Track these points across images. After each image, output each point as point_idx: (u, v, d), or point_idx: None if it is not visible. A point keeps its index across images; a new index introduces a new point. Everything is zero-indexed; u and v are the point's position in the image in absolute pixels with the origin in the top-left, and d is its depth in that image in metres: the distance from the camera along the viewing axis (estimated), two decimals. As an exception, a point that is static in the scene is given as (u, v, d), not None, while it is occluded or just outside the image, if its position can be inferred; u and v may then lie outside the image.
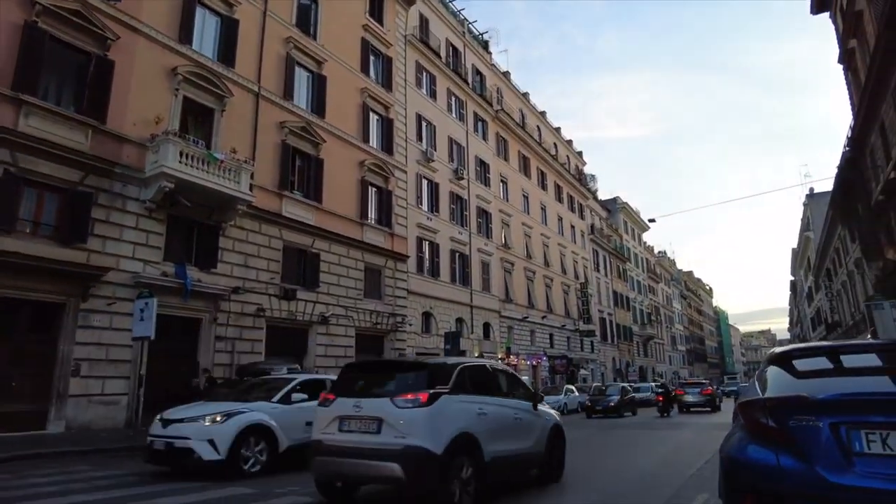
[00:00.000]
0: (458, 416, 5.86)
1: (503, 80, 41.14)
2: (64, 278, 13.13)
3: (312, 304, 19.95)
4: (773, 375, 3.41)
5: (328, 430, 5.94)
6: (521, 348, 35.55)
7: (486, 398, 6.50)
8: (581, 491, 7.36)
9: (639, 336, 64.08)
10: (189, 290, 15.65)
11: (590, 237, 53.27)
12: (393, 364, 8.02)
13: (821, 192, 48.54)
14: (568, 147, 53.33)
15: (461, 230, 30.97)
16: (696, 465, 9.27)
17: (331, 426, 5.94)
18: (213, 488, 7.21)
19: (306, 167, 20.80)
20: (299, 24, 21.29)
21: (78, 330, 13.38)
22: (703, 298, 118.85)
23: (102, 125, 14.29)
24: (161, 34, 16.10)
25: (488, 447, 6.06)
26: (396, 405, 5.61)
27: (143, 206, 15.04)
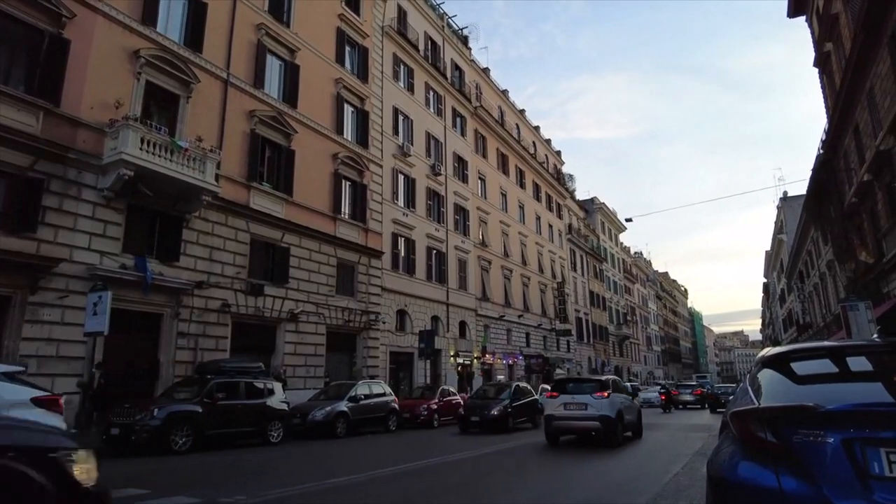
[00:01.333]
0: (616, 403, 13.06)
1: (483, 76, 40.72)
2: (10, 269, 12.31)
3: (281, 301, 19.27)
4: (769, 380, 2.97)
5: (556, 411, 12.99)
6: (497, 347, 35.19)
7: (621, 395, 13.84)
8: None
9: (615, 336, 64.31)
10: (149, 283, 14.90)
11: (567, 237, 53.19)
12: (588, 378, 16.02)
13: (794, 196, 49.16)
14: (546, 146, 53.16)
15: (438, 227, 30.47)
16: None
17: (558, 409, 12.97)
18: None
19: (276, 158, 20.09)
20: (272, 11, 20.56)
21: (25, 325, 12.56)
22: (679, 299, 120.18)
23: (56, 108, 13.45)
24: (122, 14, 15.28)
25: (625, 417, 13.53)
26: (593, 397, 12.76)
27: (100, 194, 14.24)
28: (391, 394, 18.75)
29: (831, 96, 21.88)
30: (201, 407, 11.63)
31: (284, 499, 6.90)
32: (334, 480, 8.12)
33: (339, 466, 9.81)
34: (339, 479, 8.19)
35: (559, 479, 8.50)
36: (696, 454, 11.07)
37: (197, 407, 11.55)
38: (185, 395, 12.11)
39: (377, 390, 17.69)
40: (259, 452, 11.87)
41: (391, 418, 17.68)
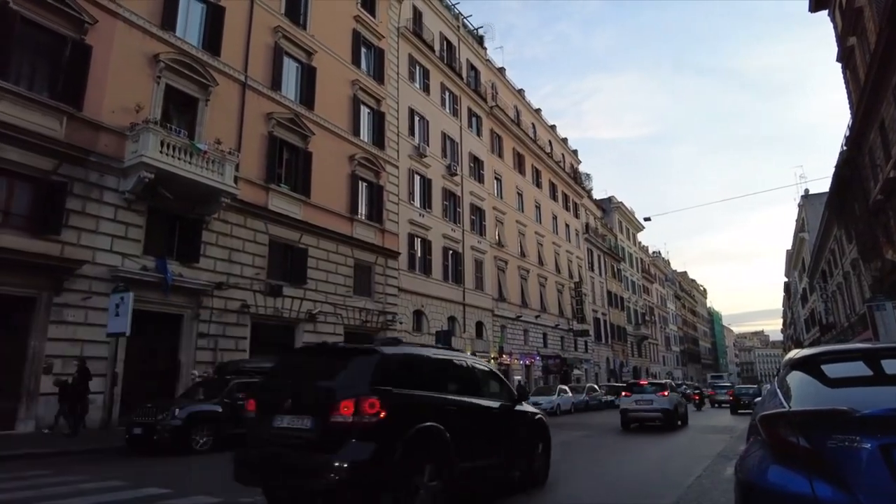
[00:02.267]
0: (673, 399, 18.07)
1: (498, 76, 40.61)
2: (36, 271, 12.55)
3: (300, 301, 19.39)
4: (799, 383, 2.89)
5: (629, 405, 17.79)
6: (514, 348, 35.05)
7: (675, 394, 19.18)
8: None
9: (633, 336, 63.72)
10: (170, 284, 15.09)
11: (584, 236, 52.83)
12: (652, 382, 19.65)
13: (816, 193, 48.29)
14: (563, 145, 52.86)
15: (454, 227, 30.44)
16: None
17: (631, 404, 17.80)
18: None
19: (294, 160, 20.22)
20: (289, 14, 20.70)
21: (50, 325, 12.80)
22: (698, 299, 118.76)
23: (78, 112, 13.68)
24: (142, 19, 15.50)
25: (679, 410, 18.58)
26: (657, 395, 17.71)
27: (121, 197, 14.45)
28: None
29: (856, 92, 21.44)
30: (221, 407, 11.72)
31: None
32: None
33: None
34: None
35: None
36: (717, 456, 10.89)
37: (217, 407, 11.64)
38: (206, 396, 12.22)
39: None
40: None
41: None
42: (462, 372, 6.56)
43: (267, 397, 5.44)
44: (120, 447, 11.19)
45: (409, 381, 5.38)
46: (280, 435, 5.01)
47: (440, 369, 6.15)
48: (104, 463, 9.88)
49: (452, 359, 6.55)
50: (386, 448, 4.72)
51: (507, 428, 6.88)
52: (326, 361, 5.67)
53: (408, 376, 5.42)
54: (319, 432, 4.79)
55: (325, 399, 4.94)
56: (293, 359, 6.53)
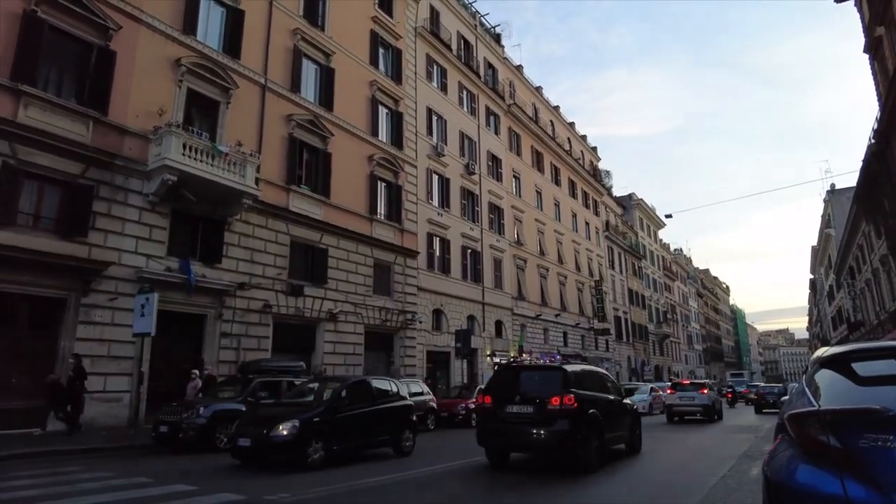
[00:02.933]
0: (712, 397, 21.64)
1: (516, 73, 40.45)
2: (64, 273, 12.85)
3: (320, 301, 19.56)
4: (828, 381, 2.83)
5: (674, 401, 21.57)
6: (533, 347, 34.91)
7: (713, 392, 23.22)
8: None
9: (654, 335, 63.01)
10: (193, 285, 15.32)
11: (604, 234, 52.38)
12: (696, 382, 23.37)
13: (842, 188, 47.30)
14: (582, 142, 52.46)
15: (473, 226, 30.42)
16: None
17: (675, 400, 21.56)
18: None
19: (314, 161, 20.39)
20: (307, 16, 20.87)
21: (79, 325, 13.09)
22: (720, 297, 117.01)
23: (104, 117, 13.97)
24: (164, 24, 15.76)
25: (716, 406, 21.86)
26: (699, 393, 21.22)
27: (145, 199, 14.72)
28: (429, 393, 18.82)
29: (884, 83, 20.92)
30: (245, 406, 11.87)
31: (327, 497, 6.98)
32: (378, 479, 8.18)
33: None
34: (406, 474, 8.24)
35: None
36: (742, 456, 10.73)
37: (241, 406, 11.79)
38: (229, 395, 12.40)
39: (415, 389, 17.74)
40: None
41: (430, 417, 17.73)
42: (599, 378, 10.56)
43: (499, 393, 9.24)
44: (147, 444, 11.42)
45: (580, 385, 9.09)
46: (513, 416, 8.78)
47: (590, 377, 10.05)
48: (131, 460, 10.10)
49: (596, 371, 10.93)
50: (576, 423, 8.44)
51: (624, 412, 10.85)
52: (530, 373, 10.12)
53: (579, 382, 9.13)
54: (540, 414, 8.54)
55: (543, 395, 8.63)
56: (507, 371, 10.62)
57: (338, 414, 9.73)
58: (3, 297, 12.17)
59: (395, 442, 10.96)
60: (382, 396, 11.28)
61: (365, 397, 10.75)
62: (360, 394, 10.75)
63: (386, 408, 11.03)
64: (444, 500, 7.16)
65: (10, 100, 12.44)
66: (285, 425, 8.92)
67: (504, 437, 8.90)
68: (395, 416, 11.15)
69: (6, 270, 11.92)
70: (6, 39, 12.50)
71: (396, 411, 11.27)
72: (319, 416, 9.46)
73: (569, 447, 8.35)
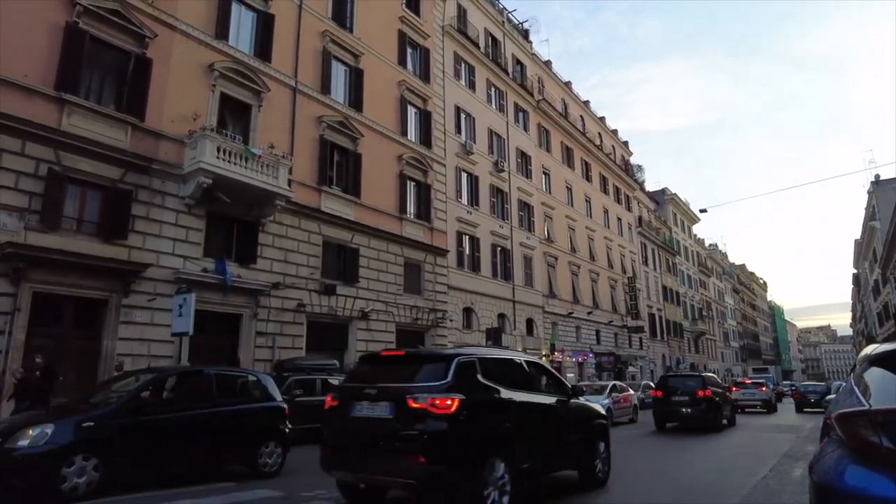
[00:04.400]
0: (768, 393, 26.99)
1: (544, 69, 40.10)
2: (106, 274, 13.26)
3: (352, 300, 19.76)
4: (879, 380, 2.72)
5: (739, 397, 24.49)
6: (566, 345, 34.60)
7: (769, 390, 27.88)
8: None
9: (689, 332, 61.78)
10: (229, 285, 15.64)
11: (637, 230, 51.56)
12: (756, 381, 28.40)
13: (888, 179, 45.63)
14: (613, 137, 51.72)
15: (502, 224, 30.29)
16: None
17: (740, 396, 25.13)
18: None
19: (344, 162, 20.59)
20: (335, 18, 21.07)
21: (120, 325, 13.50)
22: (757, 293, 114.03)
23: (141, 122, 14.36)
24: (197, 30, 16.11)
25: (772, 401, 27.45)
26: (758, 390, 26.59)
27: (182, 202, 15.08)
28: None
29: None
30: (280, 403, 12.03)
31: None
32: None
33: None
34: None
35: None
36: (783, 457, 10.46)
37: (276, 403, 11.95)
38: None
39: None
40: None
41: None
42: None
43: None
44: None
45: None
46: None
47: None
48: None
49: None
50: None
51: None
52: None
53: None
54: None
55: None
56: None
57: (141, 417, 7.19)
58: (51, 299, 12.61)
59: (249, 458, 8.31)
60: (231, 395, 8.73)
61: (199, 396, 8.20)
62: (188, 391, 8.47)
63: (234, 411, 8.35)
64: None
65: (55, 109, 12.90)
66: (34, 431, 6.44)
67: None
68: (250, 423, 8.49)
69: (54, 273, 12.38)
70: (50, 51, 12.95)
71: (253, 415, 8.61)
72: (98, 420, 6.82)
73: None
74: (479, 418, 5.57)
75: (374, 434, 5.50)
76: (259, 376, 9.83)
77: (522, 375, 6.79)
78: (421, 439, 5.17)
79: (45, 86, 12.75)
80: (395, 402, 5.43)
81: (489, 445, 5.60)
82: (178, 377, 8.68)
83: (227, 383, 8.88)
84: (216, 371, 8.99)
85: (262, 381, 9.48)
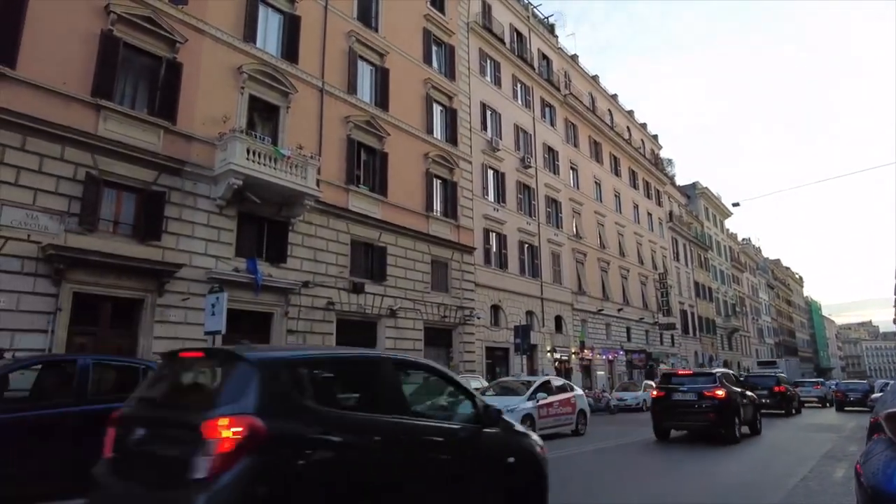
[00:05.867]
0: (824, 391, 32.01)
1: (571, 63, 39.66)
2: (142, 274, 13.59)
3: (381, 298, 19.87)
4: (930, 378, 2.64)
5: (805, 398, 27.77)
6: (595, 342, 34.23)
7: (824, 387, 33.24)
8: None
9: (722, 329, 60.53)
10: (260, 284, 15.88)
11: (668, 225, 50.67)
12: (810, 380, 36.02)
13: (932, 169, 43.81)
14: (642, 130, 50.89)
15: (529, 220, 30.09)
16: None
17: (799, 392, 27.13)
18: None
19: (371, 161, 20.70)
20: (360, 18, 21.17)
21: (155, 324, 13.82)
22: (793, 288, 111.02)
23: (173, 126, 14.67)
24: (226, 34, 16.37)
25: (826, 397, 31.07)
26: (813, 388, 31.71)
27: (213, 203, 15.36)
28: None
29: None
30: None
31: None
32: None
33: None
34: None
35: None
36: (824, 457, 10.15)
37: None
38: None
39: (475, 385, 17.74)
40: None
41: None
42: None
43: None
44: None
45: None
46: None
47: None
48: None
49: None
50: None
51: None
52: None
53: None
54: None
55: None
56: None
57: None
58: (90, 299, 12.98)
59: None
60: (117, 390, 7.00)
61: (64, 391, 6.71)
62: (52, 384, 6.94)
63: (107, 410, 5.99)
64: None
65: (92, 114, 13.26)
66: None
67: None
68: None
69: (93, 273, 12.75)
70: (87, 59, 13.31)
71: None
72: None
73: None
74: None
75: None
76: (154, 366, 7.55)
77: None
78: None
79: (82, 92, 13.12)
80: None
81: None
82: (43, 368, 7.02)
83: (110, 376, 7.19)
84: (95, 360, 7.32)
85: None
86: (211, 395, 3.62)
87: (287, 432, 3.31)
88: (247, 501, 3.08)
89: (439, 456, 4.16)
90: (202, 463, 3.04)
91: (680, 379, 13.81)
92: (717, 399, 12.41)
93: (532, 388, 13.77)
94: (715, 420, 12.46)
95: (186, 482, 3.04)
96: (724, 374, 14.19)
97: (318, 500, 3.35)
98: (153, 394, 4.06)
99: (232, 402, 3.28)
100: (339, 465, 3.51)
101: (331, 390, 4.02)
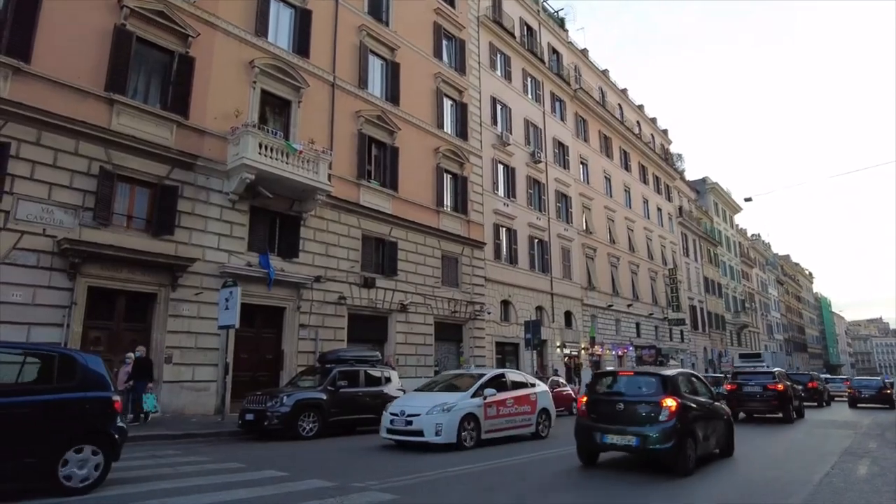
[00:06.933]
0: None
1: (581, 57, 39.40)
2: (155, 269, 13.63)
3: (391, 292, 19.85)
4: None
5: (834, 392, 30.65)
6: (605, 338, 34.12)
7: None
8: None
9: (732, 324, 60.20)
10: (272, 279, 15.89)
11: (678, 220, 50.36)
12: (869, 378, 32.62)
13: (947, 163, 43.20)
14: (652, 125, 50.54)
15: (539, 215, 29.96)
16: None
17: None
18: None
19: (382, 156, 20.66)
20: (371, 12, 21.09)
21: (169, 319, 13.85)
22: (803, 284, 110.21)
23: (185, 120, 14.67)
24: (238, 28, 16.34)
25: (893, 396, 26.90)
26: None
27: (226, 197, 15.37)
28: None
29: None
30: (326, 395, 12.21)
31: (415, 486, 7.03)
32: (459, 468, 8.16)
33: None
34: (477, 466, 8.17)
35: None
36: (844, 453, 10.04)
37: (322, 395, 12.14)
38: (310, 384, 12.77)
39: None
40: (379, 439, 12.11)
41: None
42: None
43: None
44: (234, 431, 11.95)
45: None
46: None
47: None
48: (221, 445, 10.61)
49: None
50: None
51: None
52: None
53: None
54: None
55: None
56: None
57: None
58: (105, 293, 13.02)
59: (44, 469, 5.84)
60: (24, 381, 6.19)
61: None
62: None
63: (15, 404, 5.82)
64: None
65: (105, 109, 13.27)
66: None
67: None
68: (47, 420, 5.95)
69: (107, 267, 12.80)
70: (100, 54, 13.32)
71: (53, 410, 6.02)
72: None
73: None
74: None
75: None
76: (76, 356, 6.75)
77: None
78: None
79: (95, 87, 13.14)
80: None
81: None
82: None
83: (13, 367, 6.19)
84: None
85: (80, 363, 6.49)
86: (654, 388, 8.16)
87: (686, 404, 8.01)
88: (678, 432, 7.62)
89: None
90: (664, 412, 7.68)
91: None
92: (777, 391, 16.24)
93: (479, 383, 11.25)
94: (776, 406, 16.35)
95: (656, 421, 7.71)
96: (780, 371, 18.36)
97: (695, 426, 8.14)
98: (616, 389, 8.75)
99: (665, 391, 7.97)
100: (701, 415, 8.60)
101: (693, 387, 9.10)
